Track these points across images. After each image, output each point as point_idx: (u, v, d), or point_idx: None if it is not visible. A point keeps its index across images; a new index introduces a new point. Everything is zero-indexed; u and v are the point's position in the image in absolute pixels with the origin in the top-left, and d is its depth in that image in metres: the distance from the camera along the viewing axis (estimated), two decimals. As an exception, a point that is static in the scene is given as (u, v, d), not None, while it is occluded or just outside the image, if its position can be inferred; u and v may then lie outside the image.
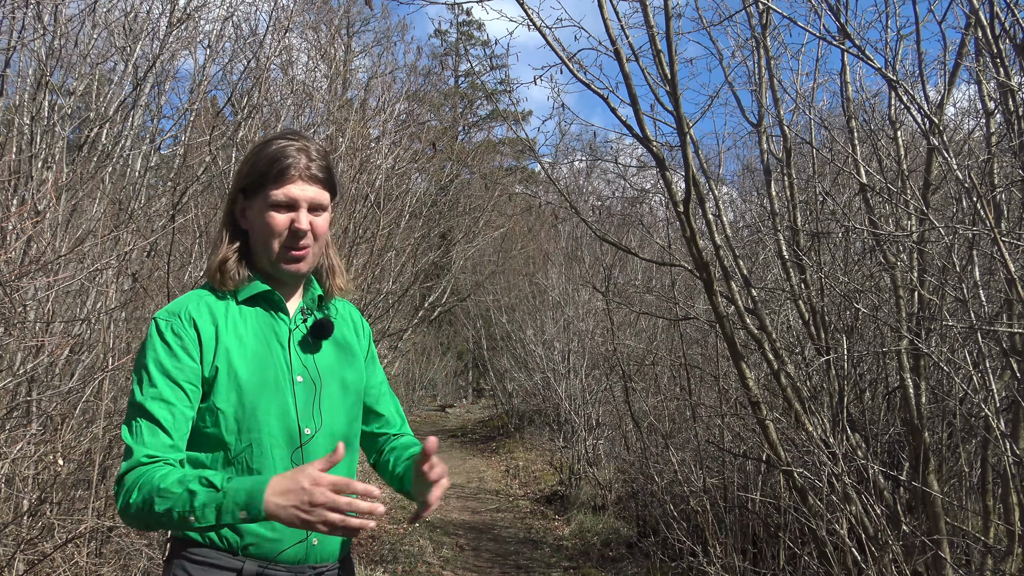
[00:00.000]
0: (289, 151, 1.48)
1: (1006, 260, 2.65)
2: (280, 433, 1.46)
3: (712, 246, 4.04)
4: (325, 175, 1.51)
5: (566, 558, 6.06)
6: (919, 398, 3.57)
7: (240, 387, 1.45)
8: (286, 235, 1.48)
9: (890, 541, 3.17)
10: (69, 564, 3.03)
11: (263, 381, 1.47)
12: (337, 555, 1.53)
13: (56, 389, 3.37)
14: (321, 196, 1.50)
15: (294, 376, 1.50)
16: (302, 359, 1.52)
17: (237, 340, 1.48)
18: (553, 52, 3.77)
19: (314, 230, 1.50)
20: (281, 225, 1.48)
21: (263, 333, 1.51)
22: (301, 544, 1.45)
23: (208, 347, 1.45)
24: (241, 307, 1.52)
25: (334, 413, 1.53)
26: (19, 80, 4.27)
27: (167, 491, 1.29)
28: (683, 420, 5.93)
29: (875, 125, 4.08)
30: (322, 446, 1.49)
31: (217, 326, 1.48)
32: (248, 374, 1.46)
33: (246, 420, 1.44)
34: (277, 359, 1.50)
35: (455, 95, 21.99)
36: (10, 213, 3.15)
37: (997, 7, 2.94)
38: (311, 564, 1.48)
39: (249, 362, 1.47)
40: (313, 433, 1.49)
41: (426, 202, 9.44)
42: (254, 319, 1.52)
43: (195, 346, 1.44)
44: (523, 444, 11.67)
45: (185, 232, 4.98)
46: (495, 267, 14.29)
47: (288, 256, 1.49)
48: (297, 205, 1.48)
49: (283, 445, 1.46)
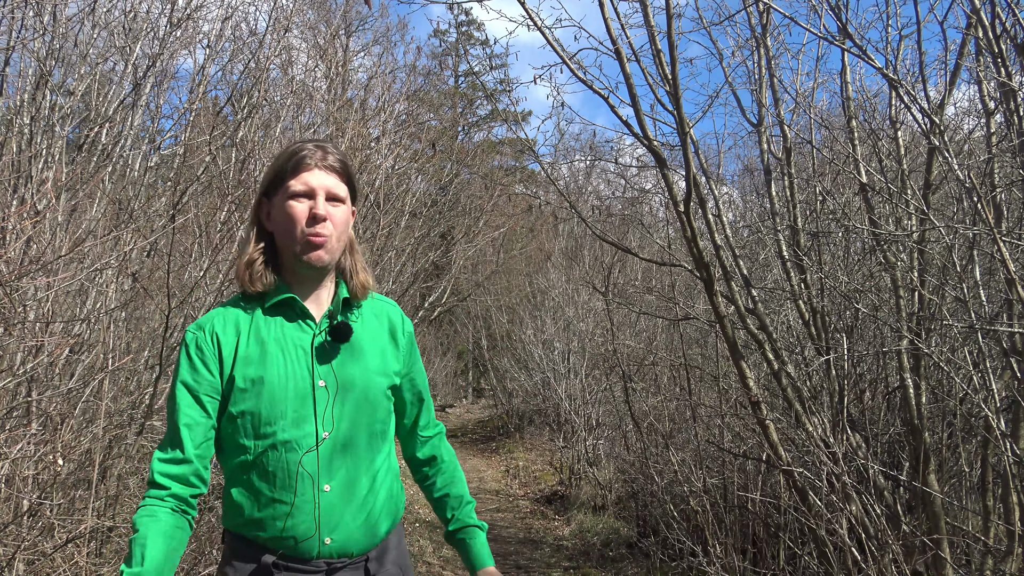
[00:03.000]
0: (306, 146, 1.55)
1: (1006, 260, 2.65)
2: (296, 437, 1.51)
3: (712, 246, 4.03)
4: (342, 167, 1.57)
5: (566, 558, 6.06)
6: (919, 398, 3.57)
7: (258, 393, 1.51)
8: (305, 221, 1.52)
9: (890, 541, 3.16)
10: (69, 564, 3.02)
11: (281, 387, 1.52)
12: (364, 549, 1.56)
13: (56, 389, 3.37)
14: (338, 186, 1.55)
15: (315, 381, 1.54)
16: (323, 364, 1.56)
17: (259, 347, 1.54)
18: (554, 52, 3.77)
19: (332, 219, 1.53)
20: (300, 212, 1.52)
21: (286, 339, 1.56)
22: (311, 540, 1.50)
23: (228, 358, 1.53)
24: (267, 314, 1.57)
25: (352, 417, 1.56)
26: (19, 80, 4.27)
27: (130, 541, 1.45)
28: (683, 420, 5.93)
29: (875, 125, 4.08)
30: (337, 452, 1.53)
31: (239, 336, 1.55)
32: (266, 380, 1.52)
33: (262, 425, 1.51)
34: (299, 364, 1.54)
35: (455, 95, 21.97)
36: (10, 213, 3.14)
37: (998, 7, 2.94)
38: (326, 559, 1.52)
39: (267, 368, 1.52)
40: (329, 437, 1.53)
41: (426, 202, 9.45)
42: (278, 326, 1.57)
43: (215, 359, 1.53)
44: (523, 444, 11.67)
45: (185, 232, 4.97)
46: (495, 267, 14.28)
47: (308, 244, 1.52)
48: (314, 193, 1.53)
49: (297, 449, 1.51)
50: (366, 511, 1.55)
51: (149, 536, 1.42)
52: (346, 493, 1.53)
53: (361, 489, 1.55)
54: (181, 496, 1.49)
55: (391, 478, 1.63)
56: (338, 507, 1.52)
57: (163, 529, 1.44)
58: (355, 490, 1.55)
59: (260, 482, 1.51)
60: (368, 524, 1.56)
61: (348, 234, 1.61)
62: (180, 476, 1.49)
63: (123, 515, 3.85)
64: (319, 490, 1.51)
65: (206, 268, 4.14)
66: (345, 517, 1.53)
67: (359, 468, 1.55)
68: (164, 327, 3.71)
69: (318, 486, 1.51)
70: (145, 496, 1.49)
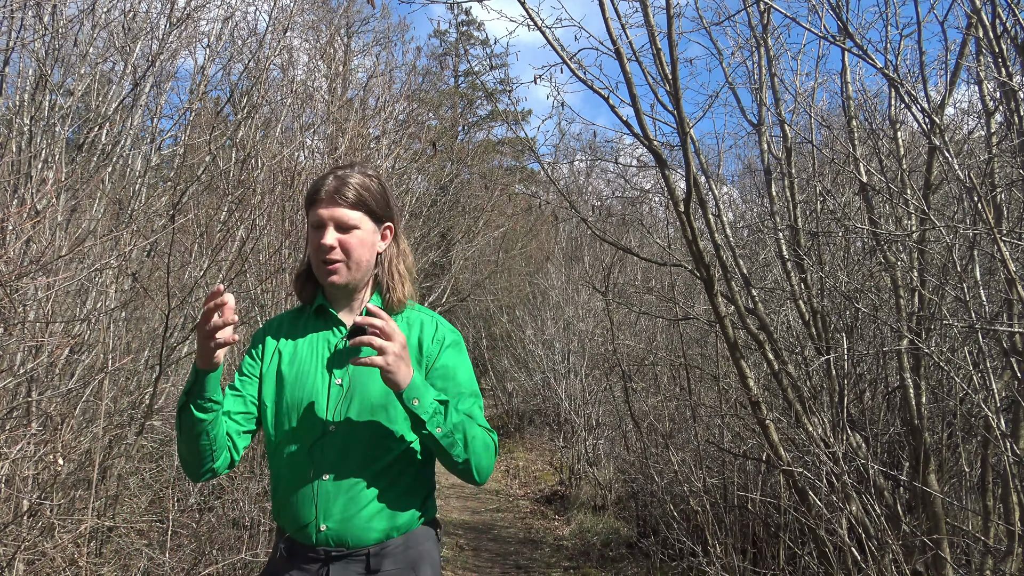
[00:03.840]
0: (326, 179, 1.72)
1: (1006, 260, 2.65)
2: (305, 428, 1.66)
3: (712, 246, 4.03)
4: (355, 197, 1.69)
5: (566, 558, 6.06)
6: (919, 398, 3.57)
7: (281, 385, 1.71)
8: (317, 250, 1.70)
9: (890, 541, 3.16)
10: (69, 564, 3.02)
11: (301, 382, 1.69)
12: (360, 543, 1.64)
13: (56, 389, 3.37)
14: (347, 216, 1.69)
15: (333, 380, 1.69)
16: (342, 365, 1.70)
17: (292, 346, 1.75)
18: (554, 52, 3.77)
19: (343, 247, 1.69)
20: (314, 243, 1.71)
21: (315, 340, 1.75)
22: (309, 526, 1.63)
23: (268, 353, 1.76)
24: (310, 319, 1.79)
25: (360, 414, 1.66)
26: (19, 80, 4.27)
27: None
28: (683, 420, 5.93)
29: (876, 125, 4.07)
30: (339, 445, 1.65)
31: (280, 337, 1.78)
32: (289, 374, 1.71)
33: (280, 415, 1.69)
34: (321, 363, 1.71)
35: (455, 95, 21.96)
36: (10, 213, 3.14)
37: (998, 7, 2.93)
38: (324, 546, 1.64)
39: (294, 364, 1.72)
40: (335, 431, 1.65)
41: (426, 202, 9.44)
42: (314, 330, 1.77)
43: (259, 352, 1.78)
44: (523, 444, 11.67)
45: (185, 232, 4.98)
46: (495, 267, 14.27)
47: (322, 269, 1.71)
48: (324, 224, 1.69)
49: (305, 440, 1.65)
50: (360, 506, 1.63)
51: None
52: (343, 485, 1.63)
53: (358, 484, 1.64)
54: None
55: (403, 482, 1.68)
56: (333, 496, 1.63)
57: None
58: (352, 484, 1.64)
59: (279, 468, 1.69)
60: (362, 518, 1.63)
61: (375, 252, 1.76)
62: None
63: (123, 515, 3.86)
64: (319, 478, 1.64)
65: (206, 268, 4.15)
66: (340, 507, 1.63)
67: (360, 464, 1.65)
68: (164, 327, 3.71)
69: (319, 474, 1.63)
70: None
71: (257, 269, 4.86)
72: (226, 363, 4.38)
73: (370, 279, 1.77)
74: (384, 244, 1.78)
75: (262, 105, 5.61)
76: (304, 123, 6.59)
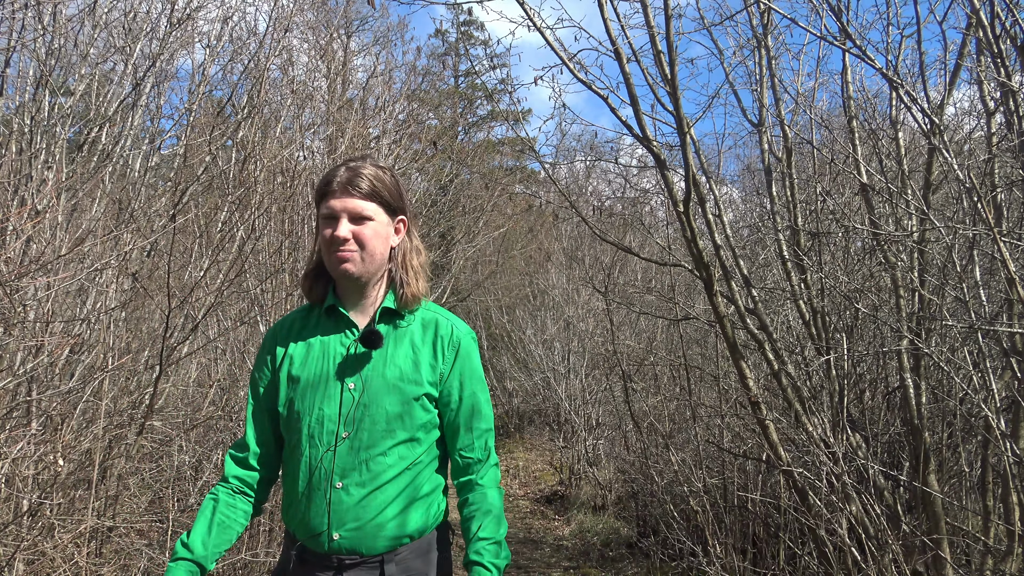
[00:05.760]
0: (338, 170, 1.67)
1: (1006, 260, 2.65)
2: (319, 434, 1.63)
3: (712, 246, 4.03)
4: (369, 187, 1.65)
5: (566, 558, 6.06)
6: (919, 398, 3.57)
7: (293, 390, 1.67)
8: (330, 243, 1.64)
9: (890, 541, 3.16)
10: (69, 564, 3.02)
11: (312, 386, 1.65)
12: (374, 551, 1.61)
13: (56, 389, 3.37)
14: (361, 206, 1.64)
15: (345, 384, 1.64)
16: (354, 369, 1.65)
17: (304, 349, 1.69)
18: (554, 52, 3.77)
19: (358, 237, 1.64)
20: (327, 235, 1.64)
21: (329, 344, 1.69)
22: (322, 535, 1.61)
23: (280, 357, 1.71)
24: (319, 318, 1.73)
25: (373, 421, 1.62)
26: (19, 80, 4.27)
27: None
28: (683, 420, 5.93)
29: (876, 125, 4.07)
30: (354, 451, 1.61)
31: (290, 339, 1.72)
32: (303, 379, 1.66)
33: (294, 420, 1.65)
34: (333, 367, 1.66)
35: (455, 95, 21.96)
36: (10, 213, 3.14)
37: (998, 7, 2.93)
38: (336, 555, 1.61)
39: (306, 369, 1.67)
40: (348, 437, 1.62)
41: (426, 202, 9.45)
42: (325, 331, 1.70)
43: (271, 358, 1.73)
44: (523, 444, 11.66)
45: (185, 232, 4.97)
46: (495, 267, 14.27)
47: (334, 260, 1.64)
48: (337, 216, 1.63)
49: (319, 445, 1.63)
50: (373, 513, 1.60)
51: (200, 512, 1.64)
52: (357, 493, 1.59)
53: (371, 492, 1.60)
54: (240, 478, 1.69)
55: (416, 488, 1.66)
56: (347, 504, 1.59)
57: (211, 505, 1.64)
58: (366, 491, 1.60)
59: (292, 473, 1.66)
60: (375, 526, 1.60)
61: (389, 245, 1.71)
62: (241, 460, 1.71)
63: (123, 515, 3.85)
64: (332, 487, 1.60)
65: (206, 268, 4.14)
66: (353, 515, 1.59)
67: (374, 471, 1.61)
68: (164, 327, 3.71)
69: (331, 482, 1.60)
70: (218, 484, 1.70)
71: (257, 269, 4.86)
72: (236, 368, 4.37)
73: (383, 274, 1.71)
74: (398, 238, 1.73)
75: (262, 105, 5.61)
76: (304, 123, 6.58)
